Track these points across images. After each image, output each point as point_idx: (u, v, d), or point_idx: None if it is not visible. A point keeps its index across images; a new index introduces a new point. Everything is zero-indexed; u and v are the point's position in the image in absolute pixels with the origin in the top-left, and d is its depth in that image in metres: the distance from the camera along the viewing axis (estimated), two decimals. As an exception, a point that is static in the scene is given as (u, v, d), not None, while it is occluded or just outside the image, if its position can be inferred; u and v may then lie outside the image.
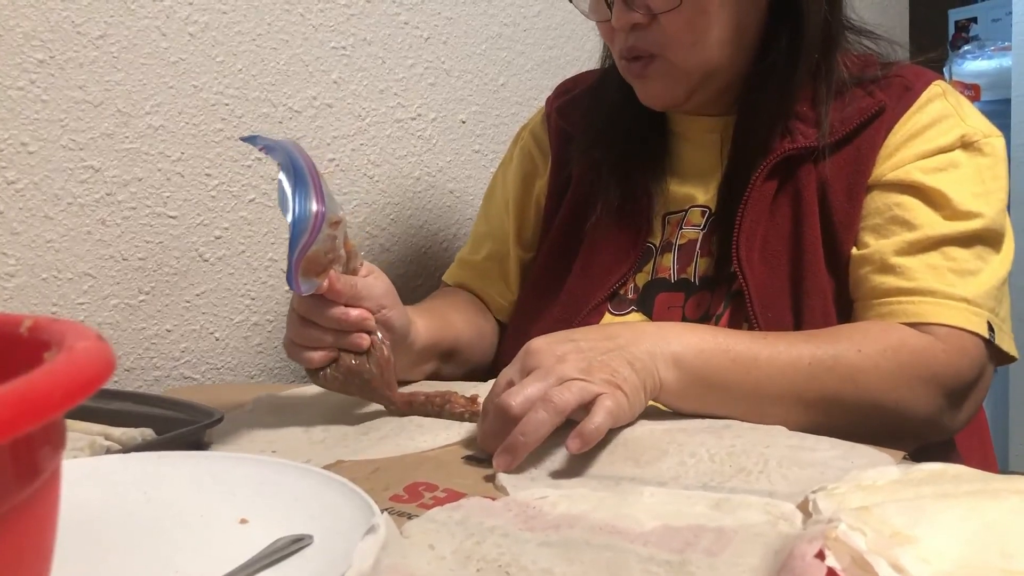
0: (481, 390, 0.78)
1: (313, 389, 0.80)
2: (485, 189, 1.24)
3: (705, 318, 0.84)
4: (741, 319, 0.81)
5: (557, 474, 0.61)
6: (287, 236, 0.67)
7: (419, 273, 1.20)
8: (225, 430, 0.72)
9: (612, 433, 0.67)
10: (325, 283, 0.70)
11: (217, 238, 1.00)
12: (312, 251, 0.67)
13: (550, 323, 0.86)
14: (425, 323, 0.83)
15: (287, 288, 0.74)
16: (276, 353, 1.06)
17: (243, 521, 0.53)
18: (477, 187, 1.26)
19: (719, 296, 0.83)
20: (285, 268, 0.68)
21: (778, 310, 0.80)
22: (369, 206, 1.13)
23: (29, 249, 0.88)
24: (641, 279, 0.88)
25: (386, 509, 0.54)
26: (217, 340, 1.01)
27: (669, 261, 0.87)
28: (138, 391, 0.86)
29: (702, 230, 0.87)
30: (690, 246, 0.87)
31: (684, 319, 0.85)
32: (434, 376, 0.88)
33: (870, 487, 0.51)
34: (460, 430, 0.70)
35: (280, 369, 1.07)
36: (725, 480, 0.58)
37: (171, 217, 0.97)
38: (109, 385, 0.92)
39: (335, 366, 0.72)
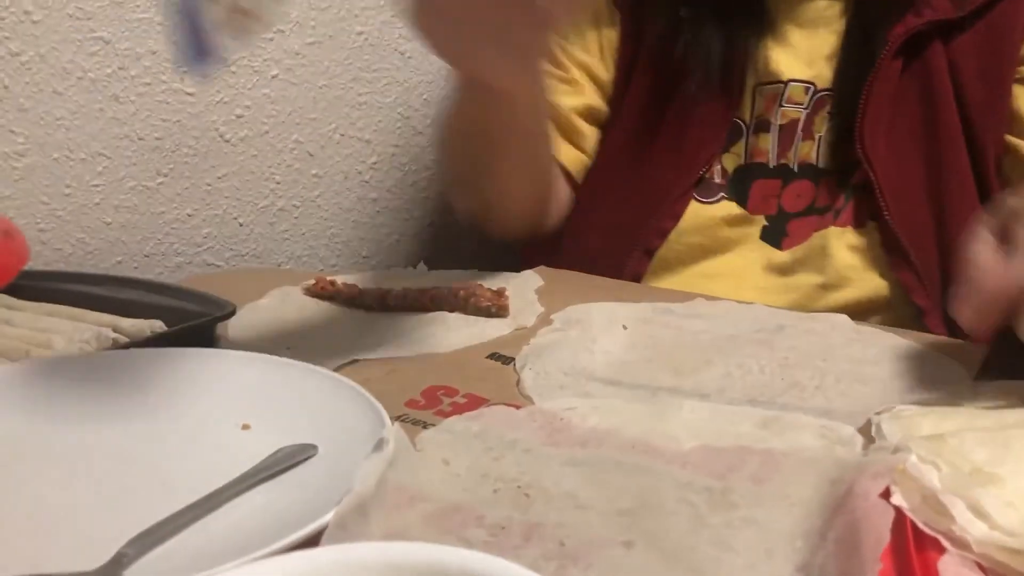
0: (511, 283, 0.73)
1: (341, 278, 0.76)
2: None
3: (811, 212, 0.76)
4: (866, 215, 0.74)
5: (589, 381, 0.55)
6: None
7: (454, 158, 1.14)
8: (239, 323, 0.68)
9: (652, 338, 0.62)
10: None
11: (238, 117, 0.95)
12: None
13: (628, 215, 0.78)
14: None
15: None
16: (303, 240, 1.02)
17: (245, 427, 0.49)
18: (518, 65, 1.18)
19: (832, 188, 0.75)
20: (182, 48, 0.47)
21: (913, 206, 0.72)
22: (400, 84, 1.06)
23: (38, 127, 0.83)
24: (730, 161, 0.79)
25: (399, 417, 0.50)
26: (241, 226, 0.97)
27: (767, 143, 0.78)
28: (152, 279, 0.82)
29: (805, 109, 0.77)
30: (791, 127, 0.77)
31: (780, 211, 0.77)
32: (487, 208, 0.80)
33: (944, 411, 0.45)
34: (485, 327, 0.65)
35: (308, 257, 1.03)
36: (776, 395, 0.52)
37: (188, 94, 0.91)
38: (124, 271, 0.90)
39: None
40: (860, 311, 0.73)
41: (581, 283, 0.76)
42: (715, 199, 0.78)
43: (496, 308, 0.67)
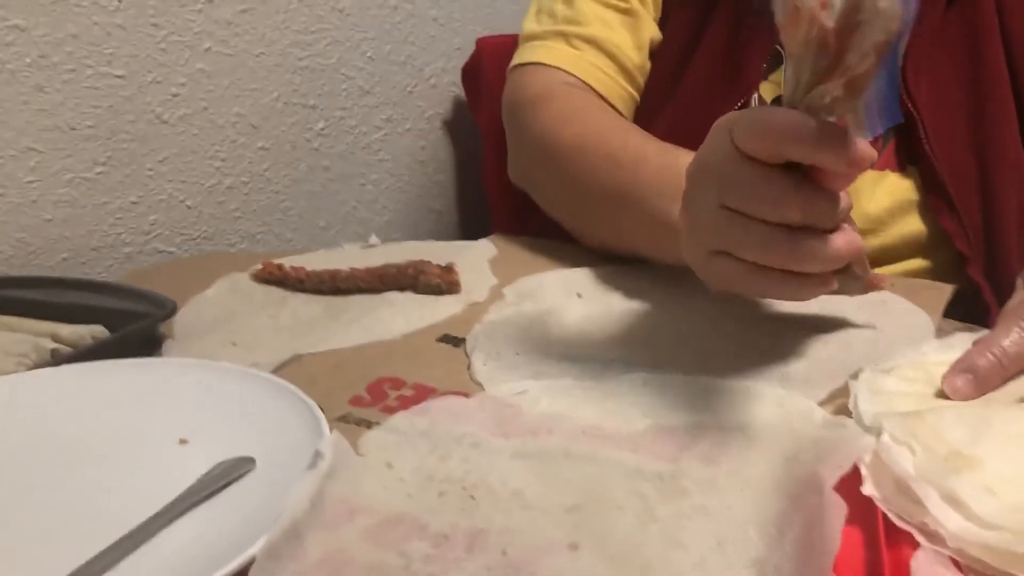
0: (463, 254, 0.71)
1: (291, 260, 0.73)
2: (472, 14, 1.12)
3: None
4: (906, 158, 0.71)
5: (543, 358, 0.54)
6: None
7: (406, 116, 1.10)
8: (185, 318, 0.66)
9: (608, 305, 0.60)
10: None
11: (174, 96, 0.91)
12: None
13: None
14: None
15: (864, 132, 0.43)
16: (256, 217, 0.99)
17: (183, 441, 0.48)
18: (465, 12, 1.13)
19: None
20: (875, 102, 0.43)
21: (956, 149, 0.68)
22: (341, 44, 1.02)
23: (-40, 126, 0.80)
24: (768, 92, 0.75)
25: (342, 417, 0.49)
26: (189, 209, 0.94)
27: None
28: (92, 279, 0.80)
29: None
30: None
31: None
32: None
33: (919, 375, 0.43)
34: (436, 306, 0.63)
35: (263, 234, 1.00)
36: (730, 360, 0.51)
37: (118, 77, 0.87)
38: (71, 268, 0.87)
39: None
40: (896, 257, 0.71)
41: (540, 249, 0.74)
42: None
43: (446, 285, 0.65)
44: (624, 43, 0.80)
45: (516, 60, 0.84)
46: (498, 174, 0.99)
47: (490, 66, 1.04)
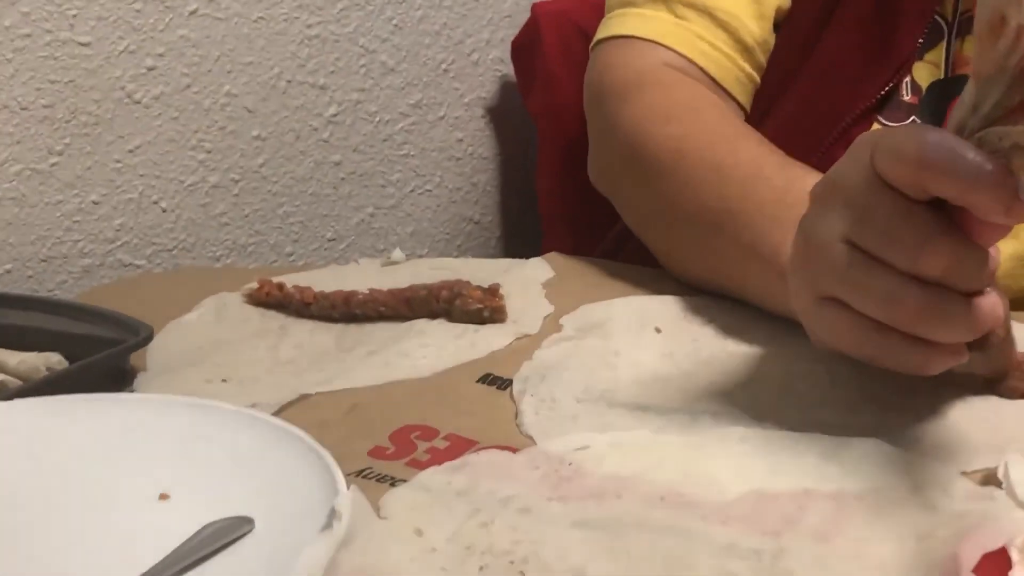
0: (510, 275, 0.73)
1: (293, 278, 0.77)
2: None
3: None
4: None
5: (609, 407, 0.56)
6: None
7: (440, 102, 1.14)
8: (162, 348, 0.69)
9: (697, 343, 0.62)
10: None
11: (150, 69, 0.95)
12: None
13: (787, 144, 0.72)
14: None
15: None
16: (247, 224, 1.03)
17: (163, 497, 0.50)
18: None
19: None
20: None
21: None
22: (360, 8, 1.06)
23: None
24: (924, 73, 0.77)
25: (361, 472, 0.52)
26: (164, 212, 0.98)
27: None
28: (47, 296, 0.84)
29: None
30: None
31: None
32: None
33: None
34: (476, 337, 0.66)
35: (255, 245, 1.04)
36: (849, 415, 0.53)
37: (82, 45, 0.92)
38: (15, 283, 0.91)
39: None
40: None
41: (608, 271, 0.76)
42: (906, 123, 0.76)
43: (489, 311, 0.67)
44: (744, 11, 0.81)
45: (602, 32, 0.85)
46: (555, 177, 1.01)
47: (549, 40, 1.06)
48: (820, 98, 0.78)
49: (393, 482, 0.50)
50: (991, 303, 0.47)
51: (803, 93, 0.79)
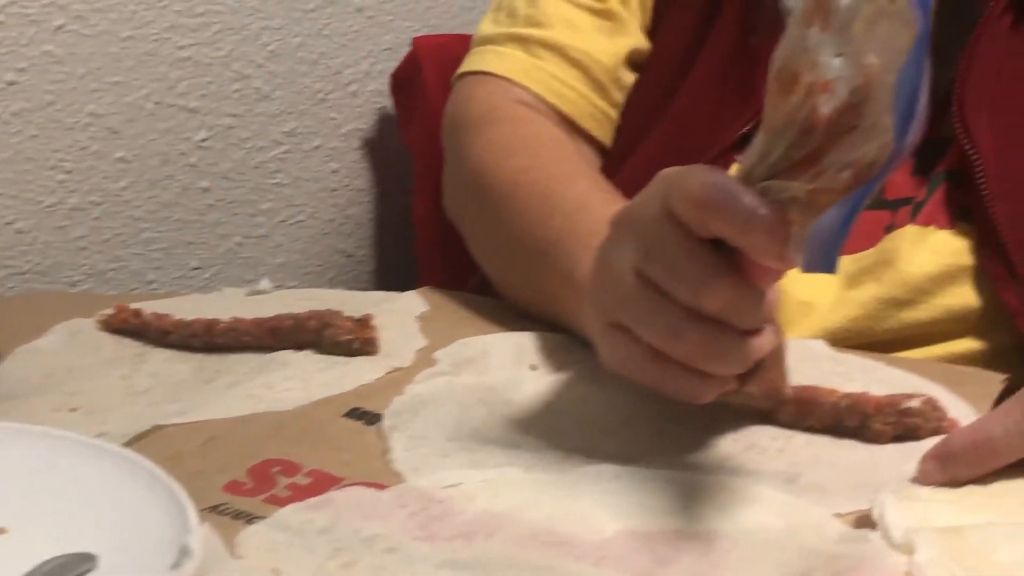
0: (383, 307, 0.72)
1: (153, 305, 0.74)
2: (409, 6, 1.14)
3: (883, 205, 0.74)
4: (957, 212, 0.73)
5: (482, 445, 0.56)
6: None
7: (314, 131, 1.13)
8: (9, 375, 0.67)
9: (571, 381, 0.62)
10: None
11: (10, 84, 0.92)
12: None
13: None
14: None
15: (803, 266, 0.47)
16: (107, 249, 1.00)
17: (1, 531, 0.48)
18: (400, 3, 1.16)
19: (913, 174, 0.74)
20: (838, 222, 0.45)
21: (1022, 202, 0.71)
22: (236, 33, 1.05)
23: None
24: None
25: (216, 507, 0.50)
26: (19, 233, 0.95)
27: None
28: None
29: None
30: None
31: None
32: None
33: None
34: (345, 370, 0.65)
35: (114, 272, 1.01)
36: (725, 458, 0.53)
37: (-66, 55, 0.88)
38: None
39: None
40: (940, 335, 0.73)
41: (484, 308, 0.76)
42: None
43: (360, 343, 0.66)
44: (594, 49, 0.84)
45: (463, 67, 0.88)
46: (431, 211, 1.01)
47: (429, 73, 1.07)
48: (681, 137, 0.80)
49: (250, 519, 0.49)
50: (764, 342, 0.50)
51: (665, 133, 0.81)
